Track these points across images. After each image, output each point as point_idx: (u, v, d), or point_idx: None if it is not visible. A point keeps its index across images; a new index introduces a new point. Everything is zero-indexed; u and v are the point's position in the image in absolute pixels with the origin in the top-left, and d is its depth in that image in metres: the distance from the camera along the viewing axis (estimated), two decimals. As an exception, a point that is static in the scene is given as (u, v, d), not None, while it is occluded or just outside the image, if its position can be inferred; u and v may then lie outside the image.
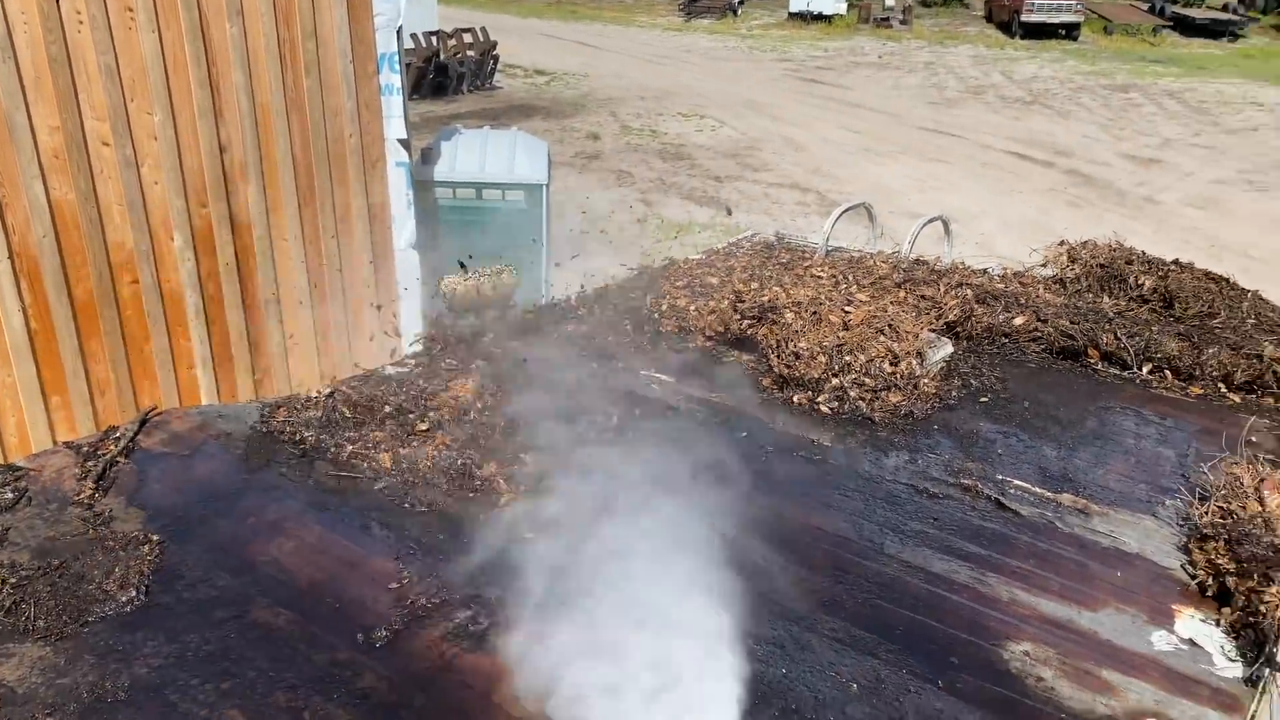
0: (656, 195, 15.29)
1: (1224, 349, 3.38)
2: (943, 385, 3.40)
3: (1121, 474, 2.90)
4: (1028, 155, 17.31)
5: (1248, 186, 15.81)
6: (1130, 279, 3.75)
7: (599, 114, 20.04)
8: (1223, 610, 2.32)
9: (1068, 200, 14.65)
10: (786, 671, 2.09)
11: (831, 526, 2.64)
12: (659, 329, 3.82)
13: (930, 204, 14.19)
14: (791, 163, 17.00)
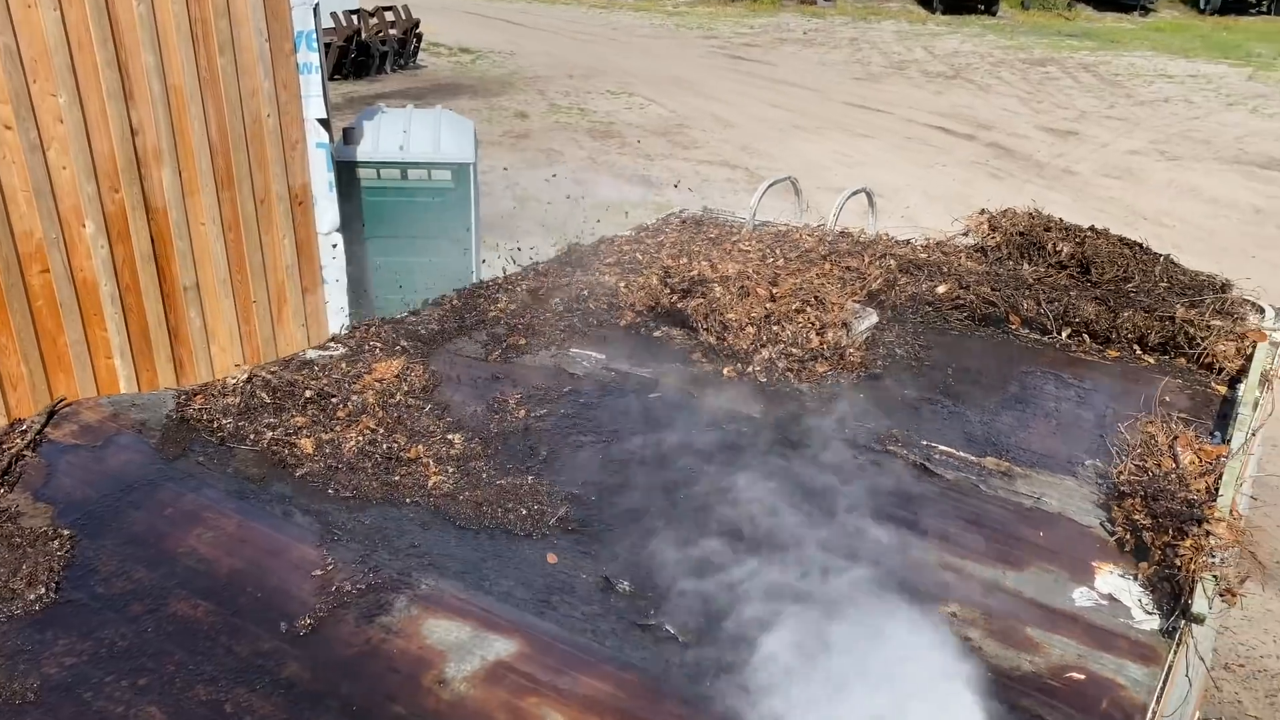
0: (588, 174, 15.21)
1: (1138, 312, 3.46)
2: (869, 354, 3.43)
3: (1043, 436, 2.96)
4: (950, 129, 17.58)
5: (1159, 156, 16.27)
6: (1049, 246, 3.82)
7: (527, 92, 19.83)
8: (1140, 565, 2.38)
9: (989, 172, 14.93)
10: (714, 643, 2.09)
11: (760, 496, 2.64)
12: (588, 306, 3.79)
13: (857, 179, 14.33)
14: (721, 140, 17.03)
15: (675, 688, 1.94)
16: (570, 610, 2.15)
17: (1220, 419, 3.04)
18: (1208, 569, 2.24)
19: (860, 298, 3.71)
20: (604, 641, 2.06)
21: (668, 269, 3.89)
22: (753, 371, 3.28)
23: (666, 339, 3.55)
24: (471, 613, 2.11)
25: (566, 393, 3.15)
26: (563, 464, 2.75)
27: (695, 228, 4.75)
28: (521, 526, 2.47)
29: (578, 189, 14.34)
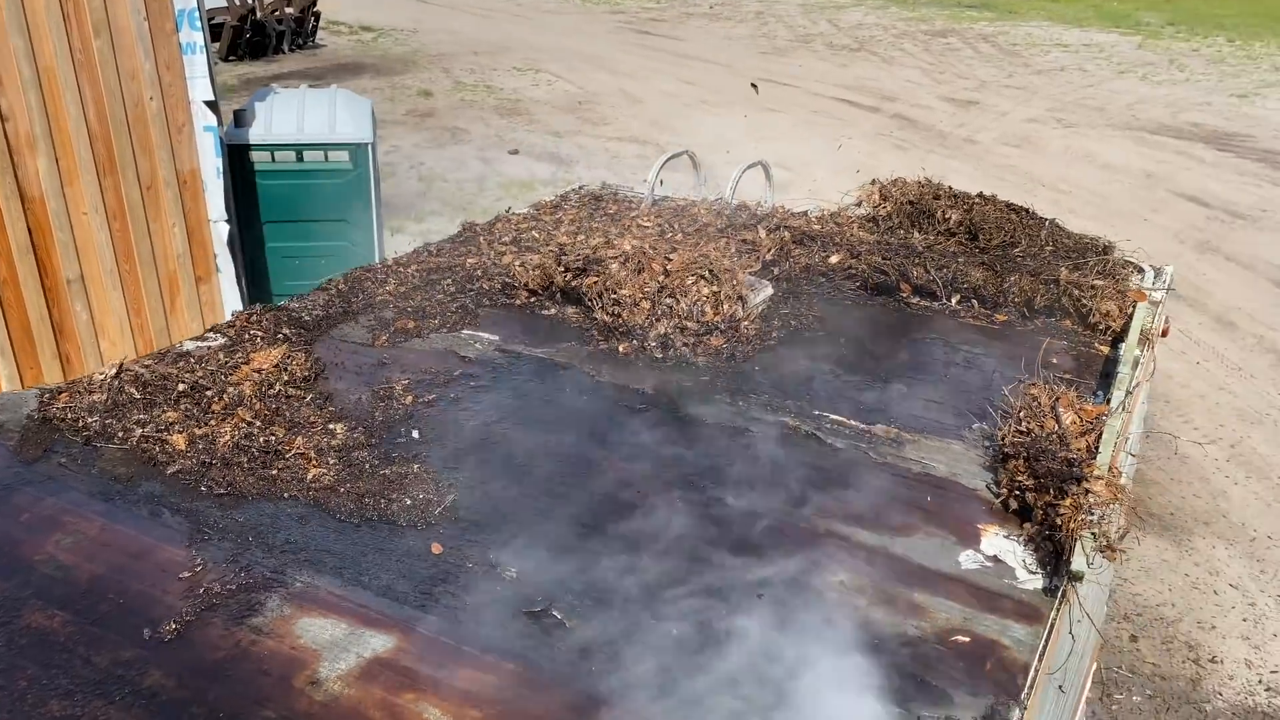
0: (495, 152, 15.00)
1: (1025, 276, 3.52)
2: (764, 326, 3.42)
3: (932, 402, 2.99)
4: (856, 101, 17.78)
5: (1056, 124, 16.70)
6: (938, 214, 3.86)
7: (430, 70, 19.46)
8: (1024, 525, 2.42)
9: (894, 144, 15.14)
10: (604, 624, 2.06)
11: (652, 472, 2.62)
12: (482, 286, 3.71)
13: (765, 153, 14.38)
14: (630, 116, 16.95)
15: (560, 674, 1.89)
16: (454, 601, 2.09)
17: (1103, 378, 3.11)
18: (1087, 527, 2.28)
19: (755, 270, 3.70)
20: (488, 632, 2.00)
21: (563, 246, 3.82)
22: (649, 347, 3.24)
23: (562, 318, 3.49)
24: (348, 609, 2.03)
25: (457, 376, 3.08)
26: (451, 450, 2.68)
27: (594, 204, 4.69)
28: (406, 517, 2.39)
29: (485, 167, 14.14)
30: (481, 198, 12.74)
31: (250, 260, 7.53)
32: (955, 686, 1.96)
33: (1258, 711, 5.81)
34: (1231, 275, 11.17)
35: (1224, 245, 11.88)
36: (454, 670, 1.87)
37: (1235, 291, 10.80)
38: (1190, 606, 6.55)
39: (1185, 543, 7.12)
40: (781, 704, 1.87)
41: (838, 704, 1.87)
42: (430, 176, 13.58)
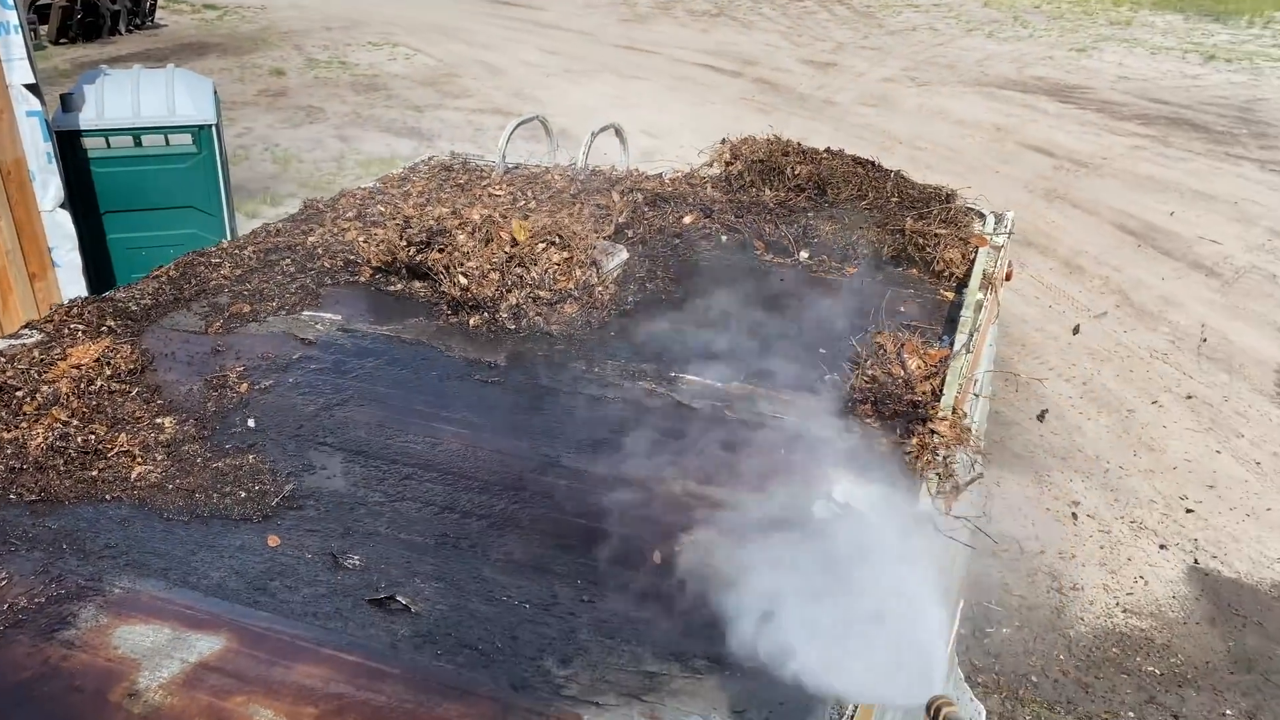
0: (353, 130, 14.54)
1: (871, 228, 3.56)
2: (619, 291, 3.37)
3: (785, 356, 2.99)
4: (718, 66, 17.87)
5: (911, 83, 17.14)
6: (788, 170, 3.87)
7: (282, 48, 18.70)
8: (874, 471, 2.44)
9: (757, 107, 15.29)
10: (454, 604, 1.98)
11: (506, 446, 2.55)
12: (324, 265, 3.55)
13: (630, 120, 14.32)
14: (492, 87, 16.65)
15: (402, 662, 1.81)
16: (290, 595, 1.98)
17: (948, 323, 3.17)
18: (932, 467, 2.31)
19: (609, 234, 3.65)
20: (326, 624, 1.90)
21: (408, 219, 3.69)
22: (500, 319, 3.16)
23: (408, 293, 3.37)
24: (172, 612, 1.90)
25: (297, 360, 2.93)
26: (290, 437, 2.55)
27: (444, 174, 4.54)
28: (240, 510, 2.26)
29: (343, 145, 13.69)
30: (341, 177, 12.32)
31: (90, 254, 7.09)
32: (809, 636, 1.95)
33: (1116, 633, 6.14)
34: (1077, 221, 11.70)
35: (1070, 192, 12.43)
36: (289, 668, 1.77)
37: (1082, 236, 11.32)
38: (1052, 538, 6.86)
39: (1045, 478, 7.45)
40: (633, 668, 1.83)
41: (680, 659, 1.84)
42: (286, 158, 13.07)
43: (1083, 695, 5.64)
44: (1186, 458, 7.69)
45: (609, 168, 4.42)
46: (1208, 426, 8.07)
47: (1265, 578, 6.56)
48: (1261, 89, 17.57)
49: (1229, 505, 7.21)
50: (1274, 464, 7.66)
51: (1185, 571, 6.59)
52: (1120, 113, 15.91)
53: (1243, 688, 5.70)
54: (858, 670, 1.73)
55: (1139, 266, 10.65)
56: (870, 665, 1.73)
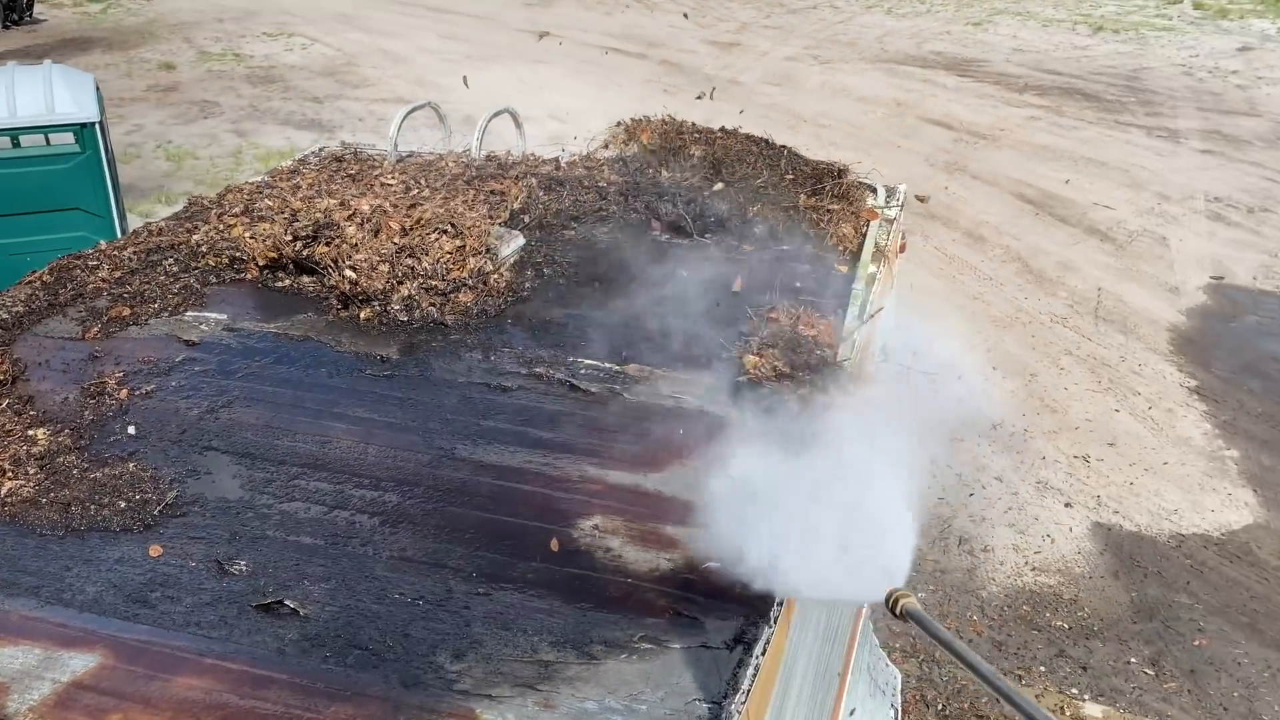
0: (250, 124, 14.15)
1: (767, 205, 3.58)
2: (516, 278, 3.33)
3: (683, 336, 2.98)
4: (623, 49, 17.82)
5: (813, 61, 17.33)
6: (683, 150, 3.87)
7: (171, 41, 18.08)
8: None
9: (664, 89, 15.29)
10: (345, 605, 1.94)
11: (399, 441, 2.49)
12: (208, 263, 3.43)
13: (536, 105, 14.22)
14: (393, 76, 16.35)
15: (289, 667, 1.76)
16: (171, 606, 1.91)
17: (842, 297, 3.20)
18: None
19: (504, 221, 3.60)
20: (209, 633, 1.84)
21: (295, 212, 3.59)
22: (392, 311, 3.09)
23: (297, 289, 3.27)
24: (44, 631, 1.82)
25: (180, 362, 2.83)
26: (173, 443, 2.46)
27: (336, 165, 4.43)
28: (120, 521, 2.17)
29: (240, 140, 13.31)
30: (239, 173, 11.98)
31: (-33, 262, 6.77)
32: (707, 614, 1.96)
33: (1026, 591, 6.33)
34: (978, 192, 11.98)
35: (969, 164, 12.72)
36: (168, 681, 1.71)
37: (982, 207, 11.60)
38: (962, 503, 7.03)
39: (953, 444, 7.62)
40: (529, 658, 1.81)
41: (577, 646, 1.83)
42: (180, 155, 12.67)
43: (996, 653, 5.81)
44: (1087, 417, 7.95)
45: (504, 153, 4.36)
46: (1107, 386, 8.36)
47: (1164, 529, 6.83)
48: (1147, 58, 18.20)
49: (1129, 461, 7.48)
50: (1169, 420, 7.97)
51: (1089, 528, 6.83)
52: (1016, 84, 16.33)
53: (1146, 636, 5.94)
54: (821, 569, 1.85)
55: (1037, 234, 10.96)
56: (834, 564, 1.85)
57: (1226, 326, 9.39)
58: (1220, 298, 9.86)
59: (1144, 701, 5.47)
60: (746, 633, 1.91)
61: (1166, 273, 10.30)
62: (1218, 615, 6.04)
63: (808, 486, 1.90)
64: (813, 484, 1.90)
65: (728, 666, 1.82)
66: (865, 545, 1.84)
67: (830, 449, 2.03)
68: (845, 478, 1.91)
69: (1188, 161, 13.28)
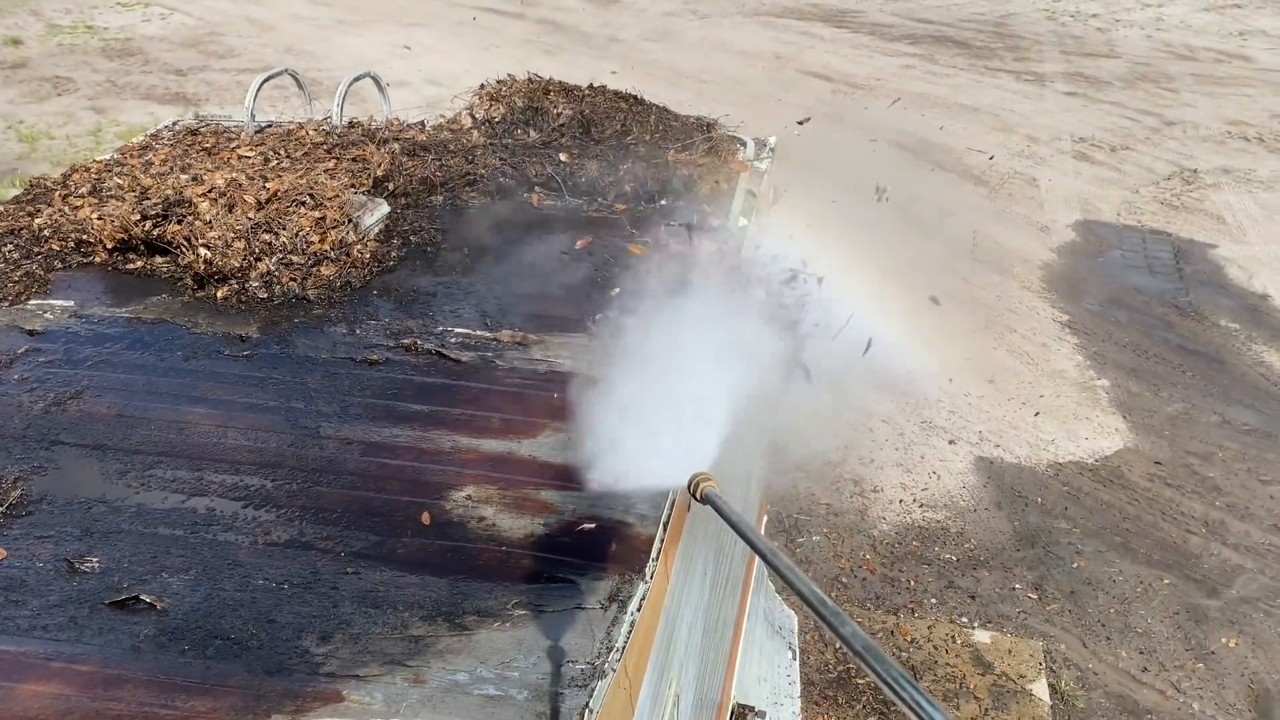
0: (109, 100, 13.45)
1: (637, 162, 3.55)
2: (381, 248, 3.24)
3: (557, 299, 2.96)
4: (499, 9, 17.47)
5: (692, 16, 17.29)
6: (551, 110, 3.81)
7: (16, 14, 17.02)
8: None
9: (543, 49, 15.07)
10: (206, 595, 1.87)
11: (261, 423, 2.41)
12: (51, 248, 3.24)
13: (411, 70, 13.86)
14: (260, 44, 15.72)
15: (144, 664, 1.69)
16: (16, 610, 1.82)
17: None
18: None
19: (367, 189, 3.49)
20: (56, 636, 1.75)
21: (145, 190, 3.42)
22: (251, 289, 2.97)
23: (150, 270, 3.12)
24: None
25: (23, 354, 2.67)
26: (16, 439, 2.33)
27: (191, 139, 4.23)
28: (-42, 527, 2.05)
29: (99, 117, 12.66)
30: (100, 151, 11.38)
31: None
32: (582, 575, 1.96)
33: (915, 527, 6.54)
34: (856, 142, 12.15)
35: (848, 115, 12.89)
36: (10, 689, 1.62)
37: (861, 157, 11.77)
38: (851, 446, 7.21)
39: (840, 388, 7.78)
40: (399, 635, 1.78)
41: (448, 618, 1.81)
42: (33, 135, 11.98)
43: (890, 590, 6.00)
44: (967, 356, 8.22)
45: (367, 119, 4.22)
46: (984, 325, 8.65)
47: (1042, 459, 7.13)
48: (1013, 4, 18.70)
49: (1007, 397, 7.77)
50: (1043, 354, 8.30)
51: (972, 463, 7.08)
52: (890, 34, 16.60)
53: (1028, 562, 6.20)
54: (627, 458, 2.06)
55: (915, 181, 11.20)
56: (638, 452, 2.05)
57: (1094, 262, 9.80)
58: (1087, 234, 10.27)
59: (1029, 624, 5.73)
60: (621, 591, 1.91)
61: (1037, 213, 10.67)
62: (1094, 537, 6.35)
63: (622, 381, 2.12)
64: (626, 378, 2.12)
65: (602, 626, 1.82)
66: (667, 432, 2.02)
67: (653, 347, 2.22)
68: (656, 370, 2.11)
69: (1054, 104, 13.74)
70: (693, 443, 2.05)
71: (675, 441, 2.03)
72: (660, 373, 2.14)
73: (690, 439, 2.05)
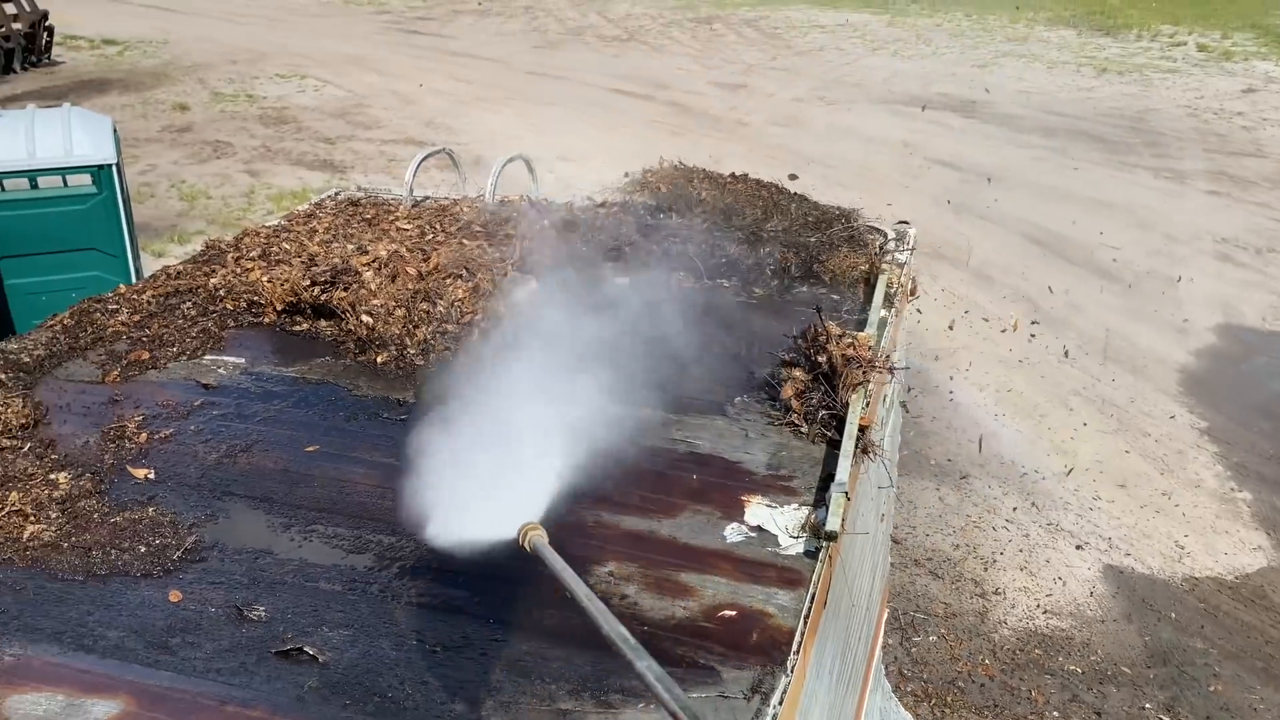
0: (263, 164, 14.30)
1: (777, 248, 3.61)
2: (529, 320, 3.36)
3: (694, 380, 3.01)
4: (630, 91, 18.02)
5: (820, 102, 17.49)
6: (694, 195, 3.92)
7: (185, 82, 18.33)
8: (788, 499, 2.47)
9: (670, 130, 15.45)
10: (364, 652, 1.95)
11: (418, 489, 2.51)
12: (226, 307, 3.47)
13: (543, 146, 14.37)
14: (404, 117, 16.54)
15: (309, 715, 1.77)
16: (192, 652, 1.93)
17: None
18: (838, 488, 2.34)
19: (517, 264, 3.64)
20: (229, 680, 1.85)
21: (313, 257, 3.64)
22: (409, 355, 3.12)
23: (314, 333, 3.31)
24: (66, 677, 1.83)
25: (199, 406, 2.86)
26: (192, 488, 2.48)
27: (351, 209, 4.49)
28: (140, 566, 2.19)
29: (253, 180, 13.45)
30: (252, 212, 12.12)
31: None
32: (724, 663, 1.97)
33: (1038, 634, 6.29)
34: (985, 232, 12.04)
35: (976, 205, 12.78)
36: (189, 728, 1.72)
37: (990, 247, 11.65)
38: (973, 545, 7.01)
39: (964, 486, 7.61)
40: (547, 706, 1.82)
41: (594, 693, 1.84)
42: (193, 194, 12.81)
43: (1009, 698, 5.76)
44: (1098, 459, 7.93)
45: (518, 197, 4.41)
46: (1116, 428, 8.35)
47: (1176, 572, 6.79)
48: (1151, 100, 18.35)
49: (1139, 503, 7.45)
50: (1179, 461, 7.95)
51: (1101, 570, 6.79)
52: (1022, 125, 16.46)
53: (1160, 681, 5.88)
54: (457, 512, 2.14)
55: (1045, 274, 10.99)
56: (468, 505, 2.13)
57: (1236, 368, 9.39)
58: (1229, 338, 9.87)
59: (1159, 748, 5.41)
60: (763, 683, 1.91)
61: (1174, 312, 10.31)
62: (1233, 660, 5.98)
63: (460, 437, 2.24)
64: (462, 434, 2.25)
65: (745, 717, 1.82)
66: (497, 484, 2.12)
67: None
68: (494, 426, 2.25)
69: (1194, 203, 13.35)
70: (518, 492, 2.14)
71: (498, 493, 2.13)
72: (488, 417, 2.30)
73: (515, 488, 2.15)
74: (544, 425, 2.30)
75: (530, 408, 2.37)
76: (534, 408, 2.37)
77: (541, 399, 2.41)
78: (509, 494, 2.11)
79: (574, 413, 2.71)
